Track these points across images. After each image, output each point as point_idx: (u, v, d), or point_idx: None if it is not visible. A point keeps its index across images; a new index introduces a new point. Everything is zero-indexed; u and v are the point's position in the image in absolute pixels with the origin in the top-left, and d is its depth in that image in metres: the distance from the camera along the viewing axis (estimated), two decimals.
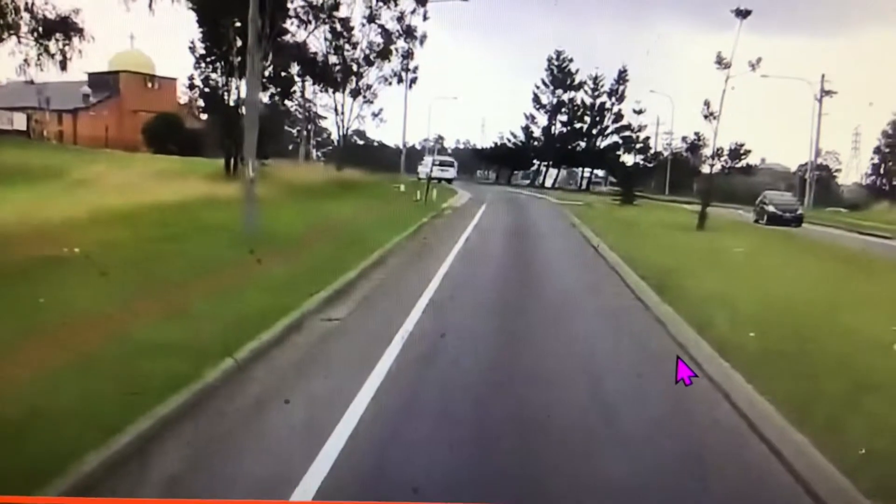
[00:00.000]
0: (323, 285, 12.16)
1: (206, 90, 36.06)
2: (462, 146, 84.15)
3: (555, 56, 71.65)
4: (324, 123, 59.28)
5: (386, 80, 50.16)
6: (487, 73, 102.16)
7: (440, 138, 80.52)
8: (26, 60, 35.85)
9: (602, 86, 71.19)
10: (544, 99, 72.24)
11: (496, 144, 75.74)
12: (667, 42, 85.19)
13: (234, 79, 33.37)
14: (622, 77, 70.90)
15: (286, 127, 56.75)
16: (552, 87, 71.95)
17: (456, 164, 63.48)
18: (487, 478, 5.95)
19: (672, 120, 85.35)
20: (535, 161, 75.94)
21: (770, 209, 37.68)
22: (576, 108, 71.63)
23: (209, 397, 7.21)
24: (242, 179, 18.88)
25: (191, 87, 38.31)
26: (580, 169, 76.63)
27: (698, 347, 9.91)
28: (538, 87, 72.29)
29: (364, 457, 6.20)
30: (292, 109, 50.68)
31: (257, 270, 12.55)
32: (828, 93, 53.75)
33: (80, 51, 36.34)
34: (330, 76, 47.35)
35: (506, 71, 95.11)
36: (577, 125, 71.74)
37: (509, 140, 73.99)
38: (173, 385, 6.99)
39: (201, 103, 39.20)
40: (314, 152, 62.79)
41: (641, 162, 71.98)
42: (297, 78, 44.74)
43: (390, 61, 49.60)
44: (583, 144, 71.67)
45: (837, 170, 71.75)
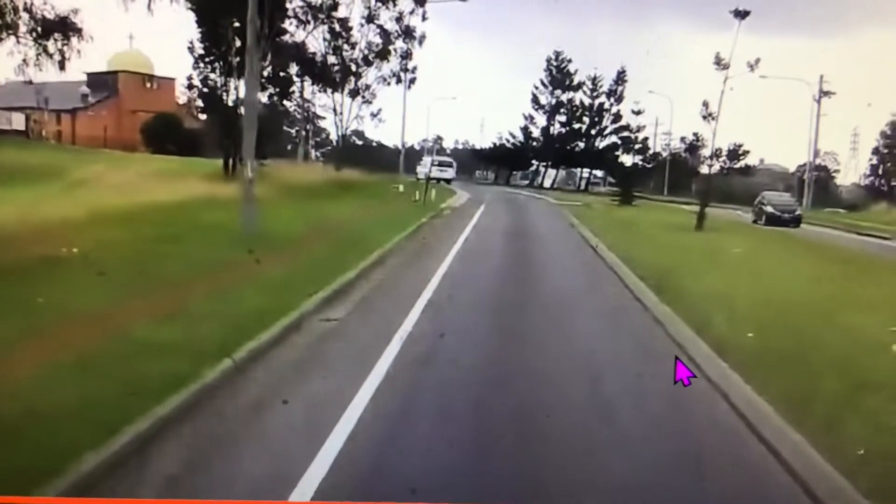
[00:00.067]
0: (322, 285, 12.16)
1: (205, 90, 36.09)
2: (461, 146, 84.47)
3: (554, 56, 72.02)
4: (322, 123, 59.47)
5: (385, 81, 50.34)
6: (486, 74, 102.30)
7: (439, 138, 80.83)
8: (25, 60, 35.88)
9: (601, 86, 71.61)
10: (543, 99, 72.61)
11: (495, 145, 76.16)
12: (666, 43, 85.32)
13: (233, 79, 33.44)
14: (621, 77, 71.32)
15: (285, 127, 56.87)
16: (551, 88, 72.26)
17: (455, 165, 63.60)
18: (486, 478, 5.95)
19: (671, 120, 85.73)
20: (534, 161, 76.21)
21: (768, 210, 37.74)
22: (575, 109, 71.90)
23: (208, 398, 7.19)
24: (241, 179, 18.89)
25: (189, 87, 38.36)
26: (579, 169, 76.91)
27: (696, 347, 9.92)
28: (537, 88, 72.68)
29: (363, 457, 6.19)
30: (291, 110, 50.81)
31: (256, 270, 12.55)
32: (826, 93, 53.96)
33: (79, 51, 36.38)
34: (329, 76, 47.41)
35: (505, 71, 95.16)
36: (576, 125, 72.03)
37: (508, 140, 74.33)
38: (172, 385, 6.97)
39: (200, 103, 39.20)
40: (313, 152, 62.93)
41: (640, 162, 72.30)
42: (296, 78, 44.84)
43: (389, 61, 49.76)
44: (581, 145, 71.95)
45: (836, 170, 72.04)
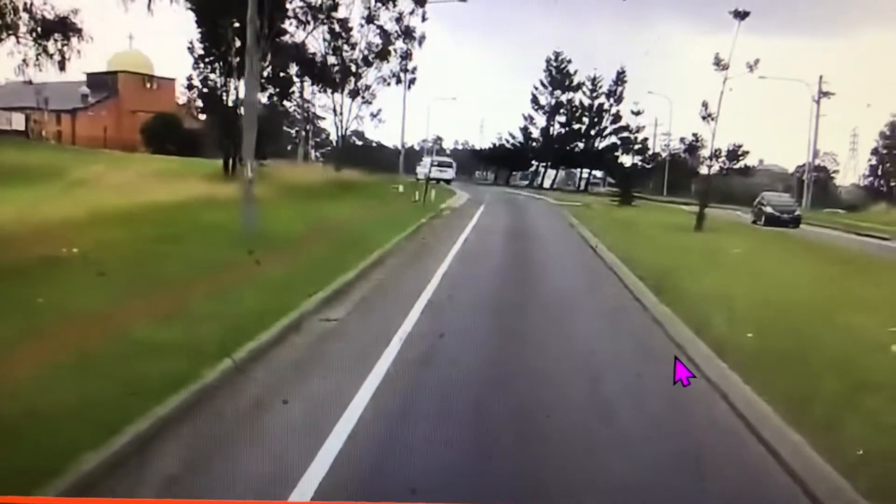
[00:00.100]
0: (321, 286, 12.17)
1: (205, 90, 36.07)
2: (461, 147, 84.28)
3: (553, 57, 71.81)
4: (322, 124, 59.36)
5: (385, 81, 50.25)
6: (486, 74, 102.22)
7: (439, 139, 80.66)
8: (25, 61, 35.83)
9: (600, 87, 71.37)
10: (543, 100, 72.39)
11: (495, 145, 75.94)
12: (665, 43, 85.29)
13: (233, 79, 33.44)
14: (621, 78, 71.12)
15: (285, 127, 56.82)
16: (551, 88, 72.11)
17: (454, 165, 63.53)
18: (486, 478, 5.96)
19: (670, 121, 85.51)
20: (534, 162, 76.08)
21: (768, 210, 37.72)
22: (574, 109, 71.78)
23: (207, 398, 7.20)
24: (241, 180, 18.91)
25: (189, 88, 38.34)
26: (578, 170, 76.79)
27: (696, 348, 9.93)
28: (537, 88, 72.44)
29: (362, 457, 6.20)
30: (291, 110, 50.78)
31: (256, 271, 12.55)
32: (826, 94, 53.93)
33: (79, 51, 36.32)
34: (329, 77, 47.38)
35: (504, 72, 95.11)
36: (576, 126, 71.89)
37: (508, 141, 74.12)
38: (172, 386, 6.98)
39: (200, 104, 39.19)
40: (313, 153, 62.86)
41: (640, 163, 72.16)
42: (296, 78, 44.80)
43: (389, 62, 49.68)
44: (581, 145, 71.82)
45: (835, 171, 71.95)
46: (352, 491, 5.61)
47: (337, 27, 46.52)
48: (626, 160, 72.56)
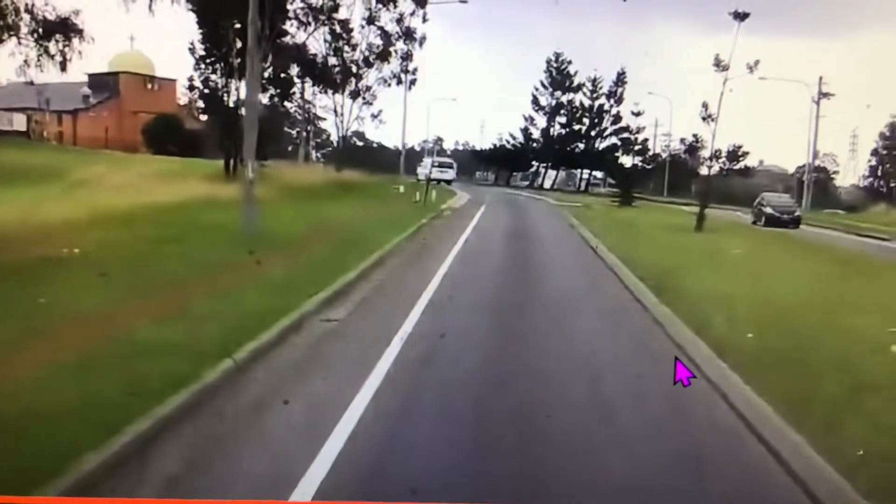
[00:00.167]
0: (322, 286, 12.18)
1: (206, 91, 36.08)
2: (461, 147, 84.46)
3: (554, 58, 72.03)
4: (323, 125, 59.48)
5: (385, 82, 50.29)
6: (487, 75, 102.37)
7: (439, 139, 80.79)
8: (26, 61, 35.89)
9: (601, 87, 71.58)
10: (543, 100, 72.61)
11: (495, 146, 76.17)
12: (665, 44, 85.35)
13: (234, 80, 33.45)
14: (621, 79, 71.33)
15: (286, 128, 56.89)
16: (551, 89, 72.26)
17: (455, 166, 63.62)
18: (487, 478, 5.96)
19: (670, 122, 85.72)
20: (534, 162, 76.19)
21: (768, 211, 37.74)
22: (574, 110, 71.91)
23: (208, 398, 7.21)
24: (242, 180, 18.92)
25: (190, 89, 38.36)
26: (579, 170, 76.89)
27: (696, 348, 9.93)
28: (537, 89, 72.66)
29: (363, 457, 6.21)
30: (292, 111, 50.82)
31: (256, 271, 12.56)
32: (825, 95, 53.98)
33: (80, 52, 36.36)
34: (329, 78, 47.40)
35: (505, 73, 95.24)
36: (576, 127, 72.03)
37: (508, 141, 74.33)
38: (172, 386, 6.99)
39: (201, 104, 39.19)
40: (314, 153, 62.91)
41: (640, 163, 72.26)
42: (297, 79, 44.79)
43: (390, 63, 49.71)
44: (581, 146, 71.95)
45: (835, 172, 72.08)
46: (352, 491, 5.62)
47: (338, 28, 46.58)
48: (627, 161, 72.74)
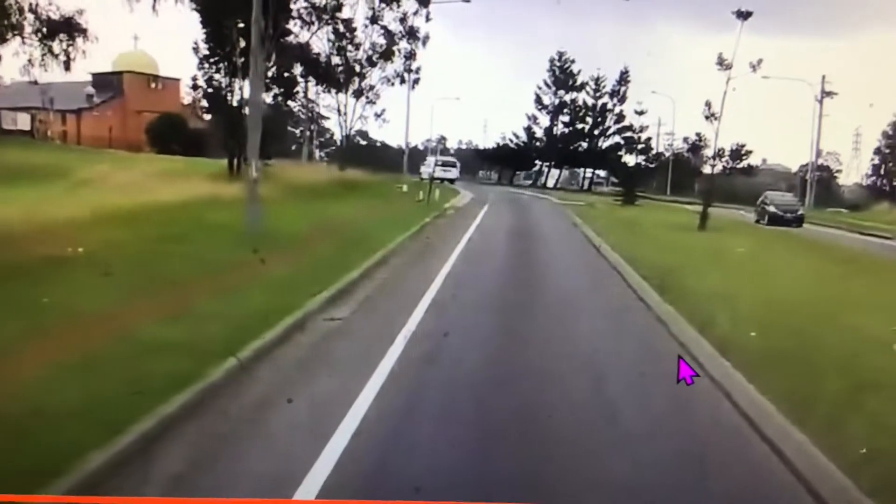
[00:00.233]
0: (326, 285, 12.19)
1: (210, 91, 36.06)
2: (464, 146, 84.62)
3: (557, 57, 72.18)
4: (327, 124, 59.58)
5: (388, 81, 50.30)
6: (490, 74, 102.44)
7: (442, 139, 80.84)
8: (30, 61, 35.95)
9: (604, 87, 71.71)
10: (546, 99, 72.75)
11: (498, 145, 76.33)
12: (668, 43, 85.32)
13: (238, 79, 33.47)
14: (624, 78, 71.45)
15: (289, 127, 56.94)
16: (554, 88, 72.33)
17: (458, 165, 63.65)
18: (490, 477, 5.97)
19: (673, 121, 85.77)
20: (537, 161, 76.26)
21: (771, 209, 37.73)
22: (578, 109, 71.97)
23: (212, 397, 7.23)
24: (246, 179, 18.96)
25: (194, 88, 38.33)
26: (582, 169, 76.93)
27: (699, 347, 9.93)
28: (540, 88, 72.83)
29: (367, 456, 6.22)
30: (295, 110, 50.82)
31: (260, 270, 12.59)
32: (828, 94, 53.95)
33: (84, 51, 36.40)
34: (333, 77, 47.42)
35: (508, 72, 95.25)
36: (579, 126, 72.09)
37: (511, 140, 74.47)
38: (177, 385, 7.00)
39: (205, 104, 39.21)
40: (317, 152, 63.02)
41: (643, 162, 72.30)
42: (301, 78, 44.80)
43: (393, 62, 49.73)
44: (584, 145, 72.00)
45: (838, 170, 72.11)
46: (356, 489, 5.63)
47: (341, 27, 46.61)
48: (630, 160, 72.77)
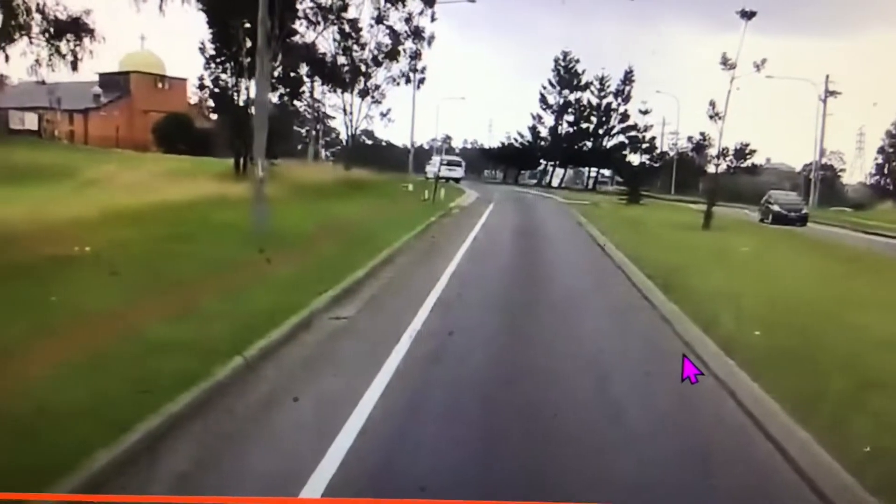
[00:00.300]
0: (331, 284, 12.22)
1: (216, 90, 36.11)
2: (469, 146, 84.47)
3: (561, 57, 71.95)
4: (332, 123, 59.52)
5: (394, 81, 50.26)
6: (495, 74, 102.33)
7: (448, 138, 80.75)
8: (38, 61, 35.94)
9: (608, 86, 71.47)
10: (551, 99, 72.53)
11: (503, 144, 76.15)
12: (673, 43, 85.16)
13: (244, 79, 33.48)
14: (628, 77, 71.19)
15: (295, 127, 56.95)
16: (559, 88, 72.19)
17: (463, 164, 63.60)
18: (495, 476, 5.99)
19: (678, 120, 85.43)
20: (542, 161, 76.13)
21: (775, 208, 37.69)
22: (582, 109, 71.81)
23: (219, 395, 7.26)
24: (252, 179, 18.98)
25: (201, 88, 38.36)
26: (586, 168, 76.83)
27: (704, 346, 9.94)
28: (545, 88, 72.60)
29: (372, 454, 6.24)
30: (301, 109, 50.81)
31: (266, 269, 12.61)
32: (832, 93, 53.80)
33: (91, 51, 36.40)
34: (338, 77, 47.42)
35: (513, 71, 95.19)
36: (584, 125, 71.94)
37: (516, 140, 74.29)
38: (183, 383, 7.03)
39: (211, 103, 39.27)
40: (323, 152, 63.02)
41: (647, 161, 72.12)
42: (306, 78, 44.82)
43: (398, 62, 49.68)
44: (589, 144, 71.85)
45: (842, 169, 71.89)
46: (361, 488, 5.65)
47: (347, 27, 46.57)
48: (634, 159, 72.57)
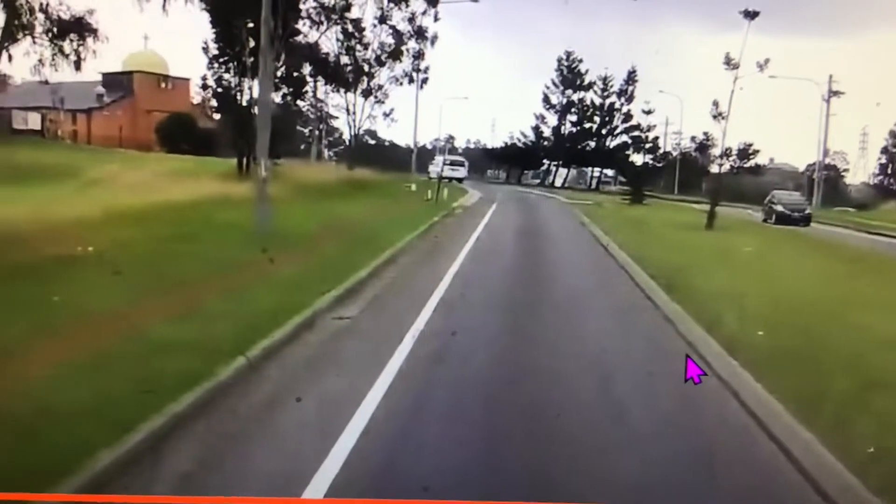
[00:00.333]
0: (334, 284, 12.22)
1: (219, 90, 36.15)
2: (472, 146, 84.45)
3: (565, 56, 71.94)
4: (335, 123, 59.54)
5: (397, 81, 50.31)
6: (498, 74, 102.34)
7: (451, 138, 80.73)
8: (41, 60, 36.12)
9: (611, 86, 71.44)
10: (554, 99, 72.53)
11: (506, 144, 76.17)
12: (676, 43, 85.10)
13: (247, 79, 33.51)
14: (631, 77, 71.18)
15: (298, 127, 56.99)
16: (562, 88, 72.17)
17: (467, 164, 63.64)
18: (498, 476, 5.98)
19: (681, 120, 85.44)
20: (545, 160, 76.12)
21: (778, 208, 37.67)
22: (585, 108, 71.80)
23: (222, 395, 7.26)
24: (255, 179, 19.00)
25: (204, 88, 38.45)
26: (590, 168, 76.80)
27: (707, 346, 9.93)
28: (548, 88, 72.60)
29: (375, 454, 6.24)
30: (304, 109, 50.85)
31: (269, 269, 12.62)
32: (835, 93, 53.80)
33: (95, 51, 36.55)
34: (342, 76, 47.45)
35: (516, 71, 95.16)
36: (587, 125, 71.93)
37: (519, 140, 74.30)
38: (186, 383, 7.04)
39: (214, 103, 39.38)
40: (326, 152, 63.03)
41: (650, 161, 72.11)
42: (310, 78, 44.83)
43: (401, 62, 49.73)
44: (592, 144, 71.85)
45: (845, 169, 71.90)
46: (364, 488, 5.65)
47: (350, 27, 46.63)
48: (637, 159, 72.56)
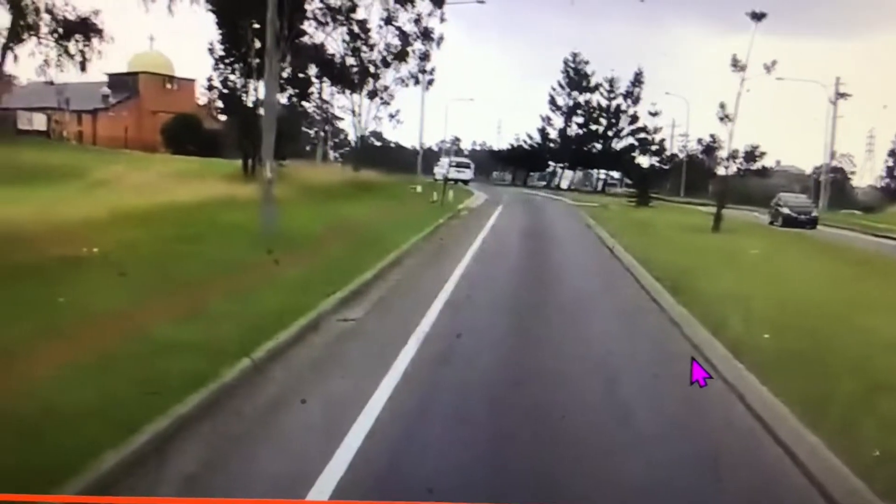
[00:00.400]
0: (339, 286, 12.22)
1: (225, 91, 36.17)
2: (478, 147, 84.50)
3: (571, 58, 71.95)
4: (341, 125, 59.62)
5: (403, 82, 50.31)
6: (504, 75, 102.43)
7: (456, 139, 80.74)
8: (46, 61, 36.24)
9: (618, 88, 71.37)
10: (560, 101, 72.52)
11: (512, 146, 76.22)
12: (683, 44, 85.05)
13: (253, 80, 33.54)
14: (638, 79, 71.13)
15: (304, 128, 56.99)
16: (568, 89, 72.16)
17: (472, 166, 63.66)
18: (503, 478, 5.98)
19: (687, 122, 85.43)
20: (551, 162, 76.08)
21: (785, 211, 37.59)
22: (591, 110, 71.78)
23: (227, 397, 7.26)
24: (260, 180, 19.02)
25: (209, 89, 38.44)
26: (596, 170, 76.75)
27: (713, 349, 9.91)
28: (554, 89, 72.59)
29: (380, 456, 6.23)
30: (310, 111, 50.81)
31: (275, 271, 12.63)
32: (842, 95, 53.72)
33: (100, 52, 36.64)
34: (347, 78, 47.47)
35: (522, 73, 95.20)
36: (593, 127, 71.89)
37: (525, 142, 74.32)
38: (191, 385, 7.04)
39: (220, 104, 39.30)
40: (331, 153, 63.11)
41: (657, 164, 72.01)
42: (315, 79, 44.82)
43: (407, 63, 49.74)
44: (598, 146, 71.80)
45: (852, 172, 71.76)
46: (369, 490, 5.64)
47: (356, 28, 46.64)
48: (644, 161, 72.49)
